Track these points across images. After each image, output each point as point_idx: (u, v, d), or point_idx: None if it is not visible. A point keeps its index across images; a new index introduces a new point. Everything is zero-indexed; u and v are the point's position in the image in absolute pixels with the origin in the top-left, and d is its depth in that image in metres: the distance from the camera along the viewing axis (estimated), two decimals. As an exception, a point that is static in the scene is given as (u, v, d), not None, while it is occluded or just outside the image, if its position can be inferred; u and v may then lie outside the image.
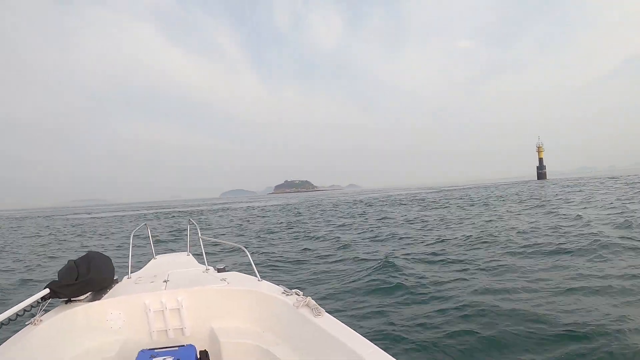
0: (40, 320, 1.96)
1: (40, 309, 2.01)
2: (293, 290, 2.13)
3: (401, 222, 14.06)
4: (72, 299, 2.18)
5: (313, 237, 11.19)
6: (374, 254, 7.61)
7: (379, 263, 6.50)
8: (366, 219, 16.63)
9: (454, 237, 9.28)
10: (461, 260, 6.67)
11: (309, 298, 1.97)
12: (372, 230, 11.98)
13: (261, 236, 12.58)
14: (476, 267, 6.18)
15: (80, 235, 17.98)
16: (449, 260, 6.76)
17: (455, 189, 55.46)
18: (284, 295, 2.13)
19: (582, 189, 28.31)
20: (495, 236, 8.84)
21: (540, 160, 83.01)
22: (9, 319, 1.77)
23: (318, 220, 17.94)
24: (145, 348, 1.88)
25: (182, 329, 2.22)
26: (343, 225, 14.34)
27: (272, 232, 13.56)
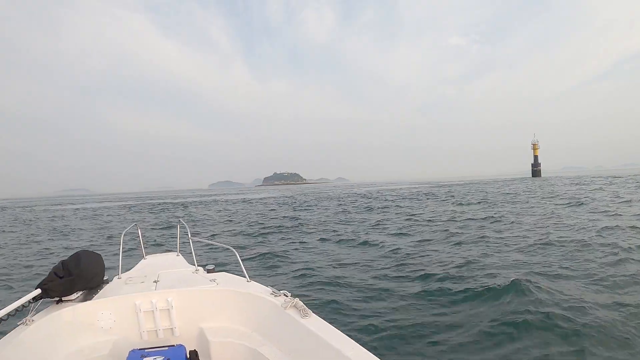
0: (32, 320, 1.95)
1: (32, 310, 2.01)
2: (281, 292, 2.15)
3: (445, 219, 12.19)
4: (63, 299, 2.18)
5: (349, 241, 9.24)
6: (466, 269, 5.70)
7: (488, 283, 4.72)
8: (395, 215, 14.62)
9: (537, 240, 7.62)
10: (585, 274, 5.11)
11: (297, 299, 1.98)
12: (421, 231, 10.13)
13: (280, 237, 10.68)
14: (607, 283, 4.65)
15: (55, 230, 15.74)
16: (568, 275, 5.08)
17: (454, 185, 54.10)
18: (273, 296, 2.15)
19: (599, 187, 27.17)
20: (584, 240, 7.30)
21: (535, 157, 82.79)
22: (1, 319, 1.78)
23: (336, 215, 16.01)
24: (135, 348, 1.87)
25: (172, 329, 2.22)
26: (378, 224, 12.21)
27: (289, 232, 11.66)
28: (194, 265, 2.99)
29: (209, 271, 2.79)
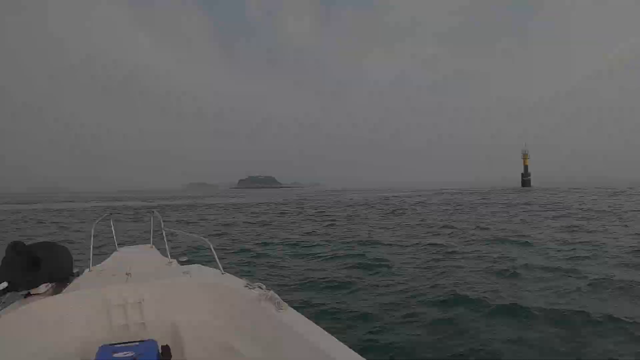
0: None
1: None
2: (256, 284, 2.10)
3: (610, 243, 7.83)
4: (31, 293, 2.11)
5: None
6: None
7: None
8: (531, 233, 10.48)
9: None
10: None
11: (271, 292, 1.94)
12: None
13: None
14: None
15: None
16: None
17: (460, 192, 51.13)
18: (247, 288, 2.09)
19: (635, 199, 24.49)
20: None
21: (526, 167, 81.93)
22: None
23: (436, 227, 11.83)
24: (106, 343, 1.82)
25: (143, 323, 2.16)
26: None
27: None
28: (168, 257, 2.96)
29: (182, 263, 2.76)
